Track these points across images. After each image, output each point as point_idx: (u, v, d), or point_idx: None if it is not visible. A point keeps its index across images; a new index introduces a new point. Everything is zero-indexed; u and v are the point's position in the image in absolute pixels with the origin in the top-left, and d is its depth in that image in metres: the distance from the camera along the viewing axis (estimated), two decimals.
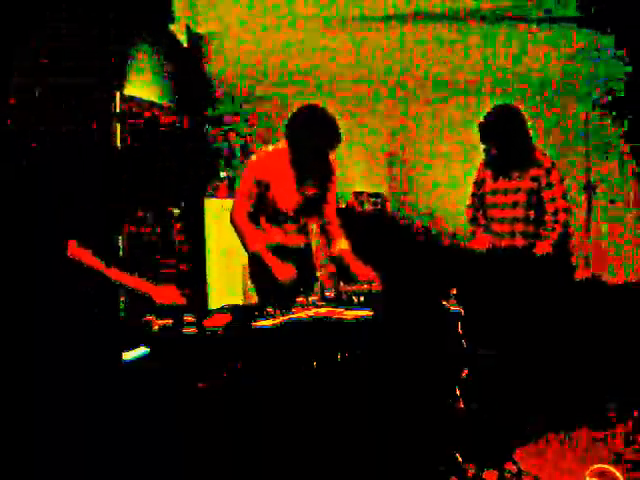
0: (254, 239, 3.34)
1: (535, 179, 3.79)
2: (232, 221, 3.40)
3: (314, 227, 3.65)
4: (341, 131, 3.28)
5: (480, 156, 4.03)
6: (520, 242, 3.82)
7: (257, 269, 3.53)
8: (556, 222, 3.77)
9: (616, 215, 5.06)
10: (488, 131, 3.82)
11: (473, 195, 4.08)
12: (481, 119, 3.86)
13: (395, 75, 5.21)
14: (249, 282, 3.67)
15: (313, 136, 3.25)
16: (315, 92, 5.29)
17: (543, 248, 3.74)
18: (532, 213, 3.81)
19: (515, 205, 3.83)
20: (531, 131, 3.87)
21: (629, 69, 4.91)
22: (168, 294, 2.73)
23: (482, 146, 3.89)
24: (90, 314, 2.59)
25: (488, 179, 3.95)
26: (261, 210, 3.42)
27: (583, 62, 4.99)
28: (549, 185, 3.78)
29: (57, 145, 3.21)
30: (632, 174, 5.02)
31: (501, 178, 3.88)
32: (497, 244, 3.88)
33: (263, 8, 4.90)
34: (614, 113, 5.03)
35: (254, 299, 3.63)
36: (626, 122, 4.99)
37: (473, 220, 4.05)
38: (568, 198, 3.86)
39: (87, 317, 2.57)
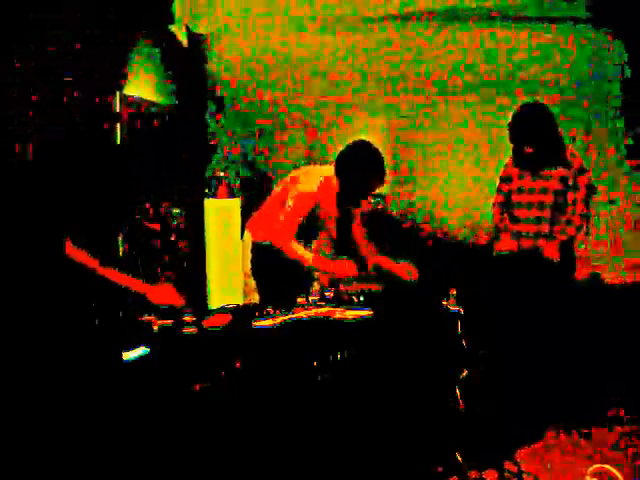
0: (308, 254, 3.43)
1: (563, 180, 3.72)
2: (278, 241, 3.45)
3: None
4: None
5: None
6: (543, 243, 3.76)
7: (258, 265, 3.59)
8: (569, 224, 3.72)
9: (616, 215, 5.05)
10: (519, 130, 3.71)
11: (499, 192, 3.97)
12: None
13: (395, 75, 5.20)
14: (248, 279, 3.68)
15: (369, 182, 3.45)
16: (315, 92, 5.29)
17: (551, 252, 3.71)
18: (558, 214, 3.74)
19: (542, 206, 3.76)
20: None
21: (630, 66, 4.92)
22: (165, 294, 2.72)
23: (511, 145, 3.78)
24: (90, 314, 2.59)
25: (515, 177, 3.86)
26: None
27: (584, 62, 4.98)
28: (575, 187, 3.71)
29: (57, 145, 3.20)
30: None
31: (529, 177, 3.79)
32: (520, 244, 3.83)
33: (263, 8, 4.90)
34: (614, 113, 5.03)
35: (256, 299, 3.64)
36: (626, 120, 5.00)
37: (499, 223, 3.94)
38: (590, 203, 3.77)
39: (87, 317, 2.57)
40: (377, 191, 3.62)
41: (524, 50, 4.98)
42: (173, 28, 4.99)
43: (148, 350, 2.47)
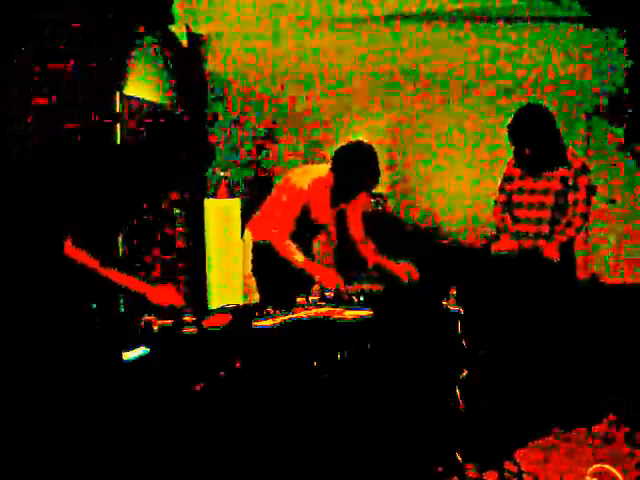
0: (299, 255, 3.45)
1: (564, 180, 3.71)
2: (273, 239, 3.50)
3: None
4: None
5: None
6: (543, 244, 3.76)
7: (259, 265, 3.60)
8: (569, 225, 3.71)
9: (616, 215, 5.05)
10: (519, 132, 3.70)
11: (501, 191, 3.96)
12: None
13: (395, 75, 5.20)
14: (248, 279, 3.69)
15: (362, 181, 3.49)
16: (315, 92, 5.29)
17: (551, 252, 3.71)
18: (559, 215, 3.74)
19: (542, 206, 3.76)
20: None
21: (630, 67, 4.92)
22: (165, 294, 2.72)
23: (512, 147, 3.77)
24: (90, 314, 2.59)
25: (516, 177, 3.86)
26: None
27: (584, 62, 4.98)
28: (575, 187, 3.70)
29: (57, 145, 3.20)
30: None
31: (530, 177, 3.79)
32: (520, 244, 3.83)
33: (263, 9, 4.90)
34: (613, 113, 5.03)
35: (256, 299, 3.64)
36: (627, 123, 5.00)
37: (500, 223, 3.95)
38: (591, 204, 3.76)
39: (87, 317, 2.57)
40: (377, 191, 3.64)
41: (524, 50, 4.98)
42: (173, 28, 4.99)
43: (148, 350, 2.47)
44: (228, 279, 4.90)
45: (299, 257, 3.44)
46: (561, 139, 3.77)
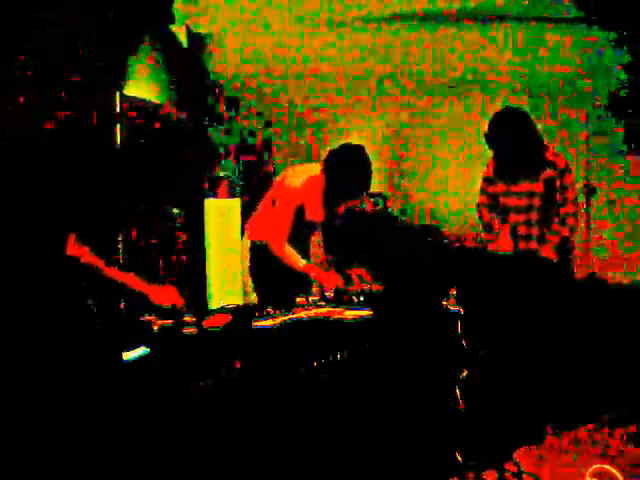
0: (300, 261, 3.47)
1: (549, 181, 3.69)
2: (272, 244, 3.50)
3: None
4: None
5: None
6: (534, 245, 3.75)
7: (257, 265, 3.60)
8: (563, 225, 3.71)
9: (616, 215, 5.05)
10: (495, 137, 3.69)
11: (483, 192, 3.94)
12: (487, 124, 3.73)
13: (395, 75, 5.21)
14: (248, 279, 3.70)
15: (353, 184, 3.48)
16: (315, 92, 5.29)
17: (547, 253, 3.70)
18: (548, 216, 3.73)
19: (530, 209, 3.73)
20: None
21: (629, 67, 4.92)
22: (166, 295, 2.73)
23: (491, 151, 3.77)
24: (90, 314, 2.59)
25: (500, 181, 3.83)
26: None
27: (584, 62, 4.99)
28: (563, 187, 3.69)
29: (58, 145, 3.20)
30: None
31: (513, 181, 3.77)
32: (517, 244, 3.83)
33: (263, 8, 4.90)
34: (613, 112, 5.04)
35: (254, 299, 3.64)
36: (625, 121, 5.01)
37: (492, 221, 3.92)
38: (577, 202, 3.75)
39: (87, 316, 2.57)
40: (377, 191, 3.63)
41: (524, 50, 4.99)
42: (173, 28, 5.00)
43: (148, 350, 2.47)
44: (228, 279, 4.90)
45: (299, 262, 3.45)
46: (541, 140, 3.73)
